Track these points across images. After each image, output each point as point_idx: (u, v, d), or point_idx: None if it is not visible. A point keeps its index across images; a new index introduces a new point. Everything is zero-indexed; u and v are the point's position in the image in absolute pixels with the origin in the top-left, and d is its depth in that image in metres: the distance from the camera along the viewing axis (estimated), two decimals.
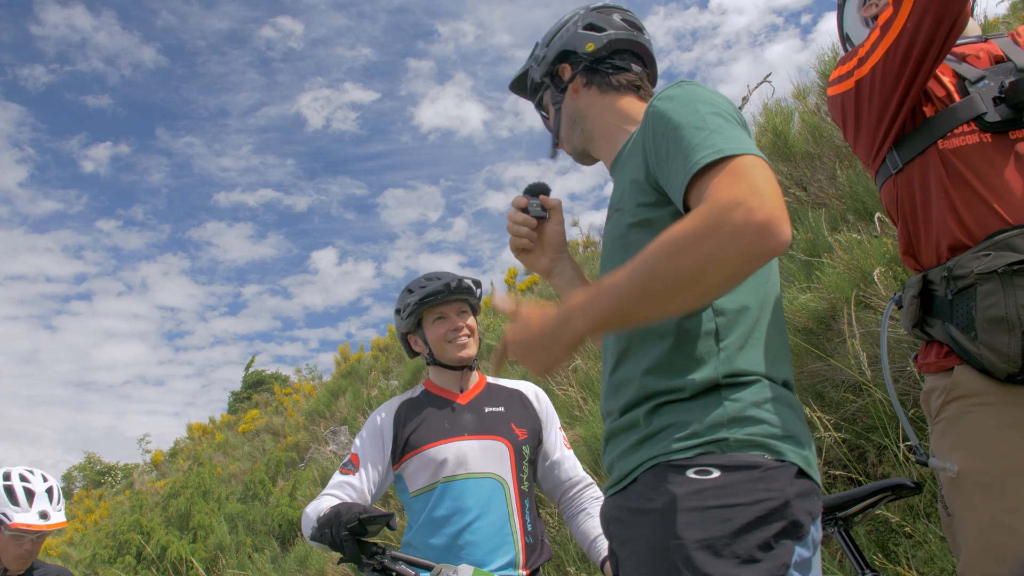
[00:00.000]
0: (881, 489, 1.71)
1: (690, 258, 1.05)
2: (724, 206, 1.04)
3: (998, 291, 1.37)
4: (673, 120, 1.21)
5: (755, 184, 1.05)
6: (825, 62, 5.86)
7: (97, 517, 14.32)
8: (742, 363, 1.20)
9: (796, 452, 1.17)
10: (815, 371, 3.55)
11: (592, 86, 1.52)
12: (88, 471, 21.12)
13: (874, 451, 3.18)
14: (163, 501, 9.91)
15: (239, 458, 13.67)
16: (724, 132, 1.15)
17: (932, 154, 1.55)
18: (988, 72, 1.55)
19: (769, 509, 1.08)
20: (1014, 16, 5.76)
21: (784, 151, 5.51)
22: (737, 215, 1.02)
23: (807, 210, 5.02)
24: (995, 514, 1.38)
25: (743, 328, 1.23)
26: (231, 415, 18.92)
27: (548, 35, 1.61)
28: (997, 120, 1.49)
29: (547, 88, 1.61)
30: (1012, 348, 1.36)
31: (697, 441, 1.15)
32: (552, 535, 4.40)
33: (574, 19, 1.57)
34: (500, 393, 2.43)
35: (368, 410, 10.47)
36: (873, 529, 3.07)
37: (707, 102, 1.23)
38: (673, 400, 1.21)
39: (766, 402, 1.19)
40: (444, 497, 2.16)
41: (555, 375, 6.52)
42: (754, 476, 1.11)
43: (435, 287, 2.33)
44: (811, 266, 4.14)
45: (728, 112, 1.22)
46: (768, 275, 1.31)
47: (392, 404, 2.38)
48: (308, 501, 8.43)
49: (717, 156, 1.11)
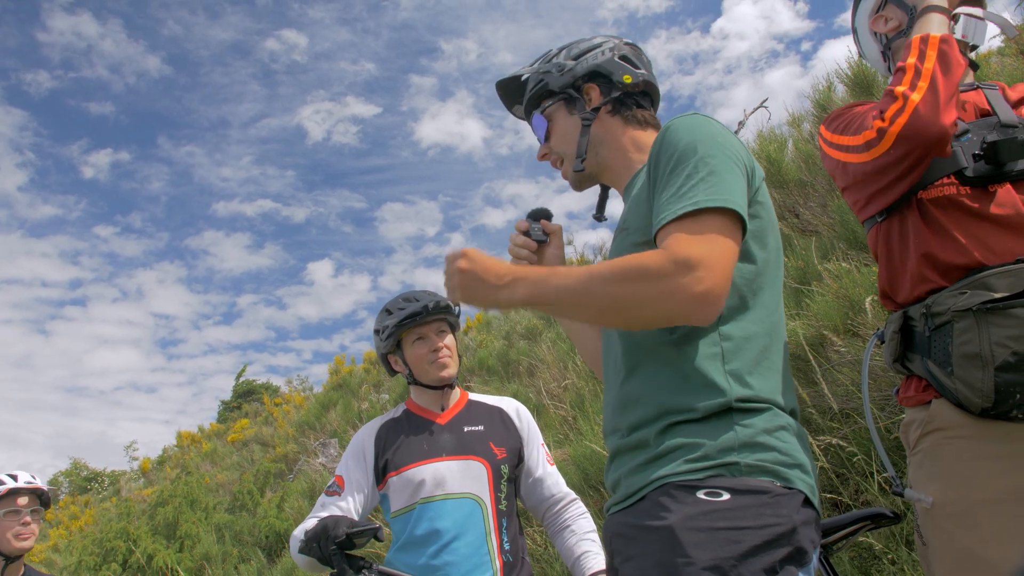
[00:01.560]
0: (861, 518, 1.74)
1: (628, 291, 1.17)
2: (678, 262, 1.15)
3: (973, 328, 1.41)
4: (675, 157, 1.27)
5: (712, 253, 1.15)
6: (820, 91, 5.94)
7: (82, 524, 14.22)
8: (753, 389, 1.23)
9: (803, 480, 1.20)
10: (801, 398, 3.59)
11: (617, 116, 1.56)
12: (75, 477, 20.96)
13: (856, 478, 3.22)
14: (150, 509, 9.86)
15: (227, 467, 13.60)
16: (710, 181, 1.22)
17: (911, 203, 1.60)
18: (972, 126, 1.58)
19: (777, 534, 1.11)
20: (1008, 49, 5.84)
21: (777, 178, 5.57)
22: (682, 278, 1.14)
23: (799, 237, 5.08)
24: (969, 544, 1.41)
25: (751, 354, 1.26)
26: (220, 424, 18.84)
27: (575, 50, 1.61)
28: (976, 176, 1.52)
29: (558, 100, 1.60)
30: (986, 383, 1.39)
31: (709, 463, 1.18)
32: (538, 553, 4.41)
33: (609, 45, 1.60)
34: (480, 411, 2.45)
35: (358, 423, 10.46)
36: (857, 555, 3.11)
37: (710, 141, 1.28)
38: (684, 421, 1.23)
39: (777, 430, 1.22)
40: (422, 518, 2.19)
41: (551, 394, 6.54)
42: (763, 501, 1.14)
43: (414, 308, 2.35)
44: (801, 293, 4.18)
45: (726, 152, 1.28)
46: (776, 306, 1.35)
47: (374, 425, 2.41)
48: (296, 513, 8.43)
49: (692, 208, 1.19)
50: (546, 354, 8.00)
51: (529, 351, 9.05)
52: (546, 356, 7.94)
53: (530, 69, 1.67)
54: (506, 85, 1.74)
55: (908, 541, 2.87)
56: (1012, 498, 1.38)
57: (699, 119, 1.33)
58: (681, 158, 1.26)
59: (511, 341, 10.45)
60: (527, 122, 1.72)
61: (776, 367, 1.30)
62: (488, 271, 1.32)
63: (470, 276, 1.33)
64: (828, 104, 5.80)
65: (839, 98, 5.76)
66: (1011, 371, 1.36)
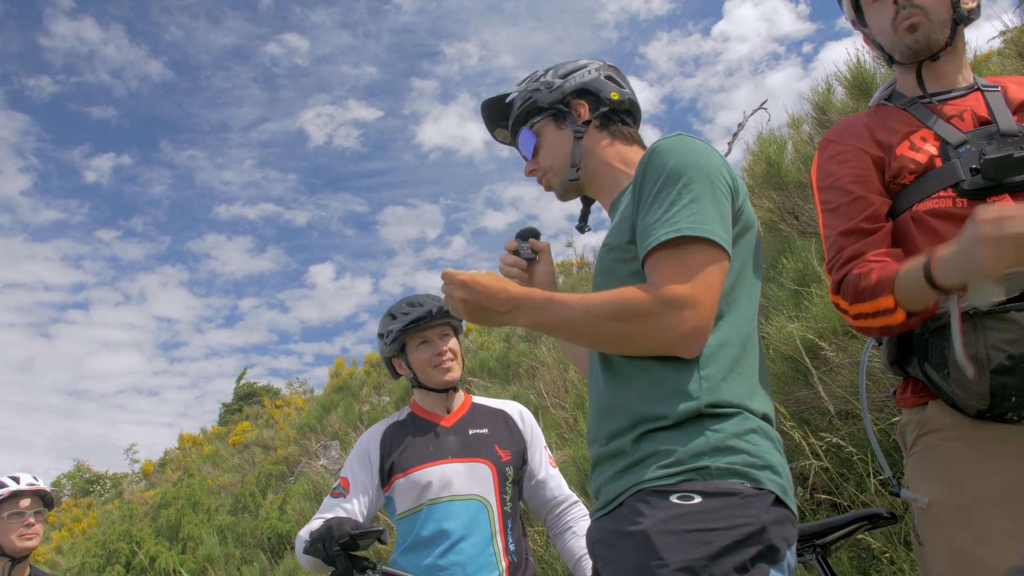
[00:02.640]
0: (858, 518, 1.77)
1: (620, 328, 1.27)
2: (666, 303, 1.24)
3: (969, 331, 1.42)
4: (660, 180, 1.34)
5: (697, 290, 1.24)
6: (819, 93, 5.95)
7: (85, 526, 14.24)
8: (724, 395, 1.28)
9: (773, 481, 1.24)
10: (801, 398, 3.62)
11: (605, 131, 1.62)
12: (77, 479, 20.98)
13: (856, 479, 3.24)
14: (153, 511, 9.89)
15: (228, 470, 13.62)
16: (692, 208, 1.29)
17: (907, 215, 1.60)
18: (970, 136, 1.58)
19: (746, 534, 1.15)
20: (1008, 50, 5.85)
21: (777, 180, 5.59)
22: (669, 318, 1.23)
23: (798, 239, 5.10)
24: (964, 544, 1.43)
25: (725, 361, 1.31)
26: (221, 427, 18.86)
27: (562, 70, 1.68)
28: (973, 189, 1.52)
29: (547, 116, 1.66)
30: (981, 386, 1.41)
31: (680, 468, 1.22)
32: (539, 554, 4.43)
33: (595, 66, 1.67)
34: (485, 414, 2.48)
35: (359, 425, 10.47)
36: (856, 555, 3.13)
37: (694, 165, 1.33)
38: (658, 428, 1.28)
39: (746, 433, 1.26)
40: (429, 519, 2.21)
41: (551, 396, 6.57)
42: (733, 503, 1.18)
43: (418, 313, 2.38)
44: (800, 295, 4.20)
45: (710, 176, 1.33)
46: (752, 314, 1.40)
47: (379, 428, 2.43)
48: (298, 515, 8.45)
49: (675, 235, 1.26)
50: (546, 356, 8.02)
51: (529, 353, 9.07)
52: (546, 358, 7.96)
53: (517, 89, 1.73)
54: (491, 106, 1.79)
55: (906, 541, 2.89)
56: (1007, 498, 1.40)
57: (685, 141, 1.38)
58: (666, 182, 1.32)
59: (511, 343, 10.49)
60: (511, 143, 1.79)
61: (749, 374, 1.34)
62: (491, 298, 1.39)
63: (473, 306, 1.41)
64: (827, 106, 5.82)
65: (838, 100, 5.77)
66: (1006, 374, 1.38)
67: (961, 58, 1.71)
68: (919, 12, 1.65)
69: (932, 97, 1.69)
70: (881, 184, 1.64)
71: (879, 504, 3.04)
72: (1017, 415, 1.42)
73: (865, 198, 1.62)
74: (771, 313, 4.39)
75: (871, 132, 1.69)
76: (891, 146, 1.65)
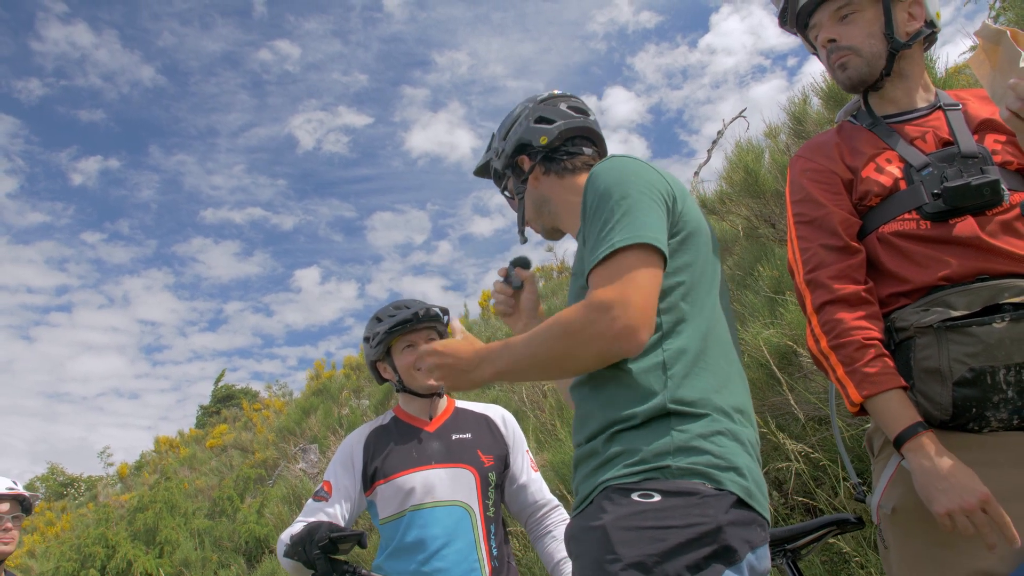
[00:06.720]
0: (826, 524, 1.83)
1: (560, 346, 1.32)
2: (594, 308, 1.28)
3: (933, 344, 1.48)
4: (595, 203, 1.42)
5: (626, 290, 1.28)
6: (796, 104, 6.05)
7: (59, 529, 14.08)
8: (688, 390, 1.32)
9: (736, 483, 1.28)
10: (776, 404, 3.68)
11: (551, 173, 1.68)
12: (51, 482, 20.73)
13: (830, 482, 3.31)
14: (129, 515, 9.80)
15: (205, 473, 13.52)
16: (624, 222, 1.35)
17: (873, 235, 1.66)
18: (932, 159, 1.62)
19: (700, 533, 1.19)
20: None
21: (754, 188, 5.67)
22: (600, 323, 1.27)
23: (775, 247, 5.17)
24: (926, 547, 1.49)
25: (689, 357, 1.36)
26: (199, 429, 18.71)
27: (503, 129, 1.78)
28: (935, 212, 1.58)
29: (509, 177, 1.76)
30: (944, 397, 1.47)
31: (643, 467, 1.27)
32: (519, 557, 4.47)
33: (525, 113, 1.73)
34: (468, 418, 2.49)
35: (339, 428, 10.44)
36: (828, 559, 3.19)
37: (625, 181, 1.40)
38: (627, 428, 1.33)
39: (713, 435, 1.30)
40: (412, 525, 2.22)
41: (531, 401, 6.60)
42: (691, 502, 1.22)
43: (404, 316, 2.40)
44: (775, 302, 4.27)
45: (641, 188, 1.39)
46: (713, 308, 1.44)
47: (363, 431, 2.44)
48: (276, 518, 8.43)
49: (608, 251, 1.32)
50: None
51: None
52: None
53: (486, 156, 1.85)
54: (482, 174, 1.91)
55: (876, 545, 2.95)
56: None
57: (615, 161, 1.46)
58: (600, 203, 1.40)
59: None
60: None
61: (715, 368, 1.38)
62: (459, 360, 1.47)
63: (445, 370, 1.48)
64: (803, 117, 5.92)
65: (814, 111, 5.87)
66: (968, 386, 1.44)
67: (914, 81, 1.75)
68: (848, 52, 1.72)
69: (895, 117, 1.74)
70: (851, 204, 1.70)
71: (851, 508, 3.11)
72: (978, 425, 1.47)
73: (838, 214, 1.67)
74: (747, 320, 4.46)
75: (840, 153, 1.74)
76: (857, 169, 1.70)
